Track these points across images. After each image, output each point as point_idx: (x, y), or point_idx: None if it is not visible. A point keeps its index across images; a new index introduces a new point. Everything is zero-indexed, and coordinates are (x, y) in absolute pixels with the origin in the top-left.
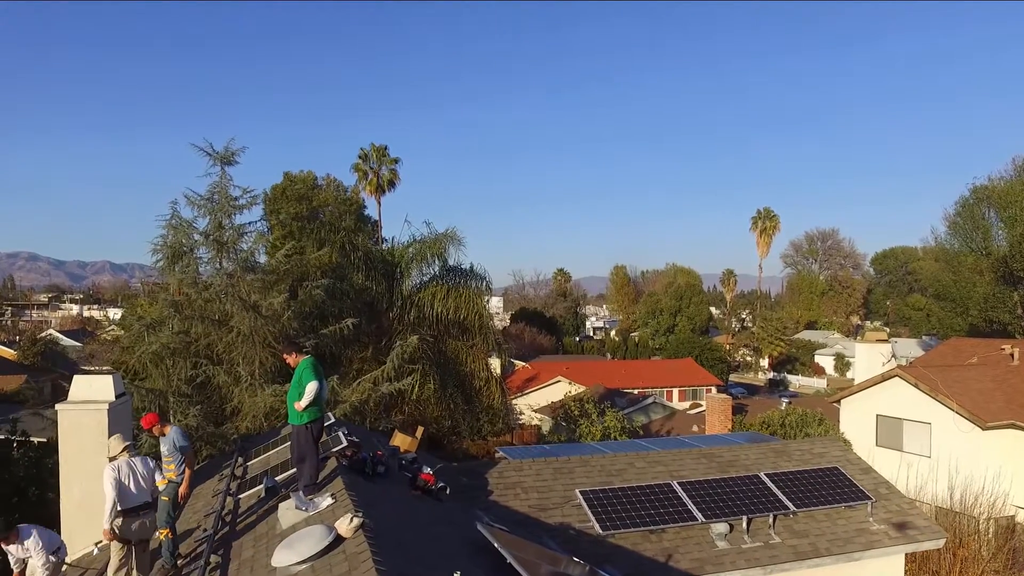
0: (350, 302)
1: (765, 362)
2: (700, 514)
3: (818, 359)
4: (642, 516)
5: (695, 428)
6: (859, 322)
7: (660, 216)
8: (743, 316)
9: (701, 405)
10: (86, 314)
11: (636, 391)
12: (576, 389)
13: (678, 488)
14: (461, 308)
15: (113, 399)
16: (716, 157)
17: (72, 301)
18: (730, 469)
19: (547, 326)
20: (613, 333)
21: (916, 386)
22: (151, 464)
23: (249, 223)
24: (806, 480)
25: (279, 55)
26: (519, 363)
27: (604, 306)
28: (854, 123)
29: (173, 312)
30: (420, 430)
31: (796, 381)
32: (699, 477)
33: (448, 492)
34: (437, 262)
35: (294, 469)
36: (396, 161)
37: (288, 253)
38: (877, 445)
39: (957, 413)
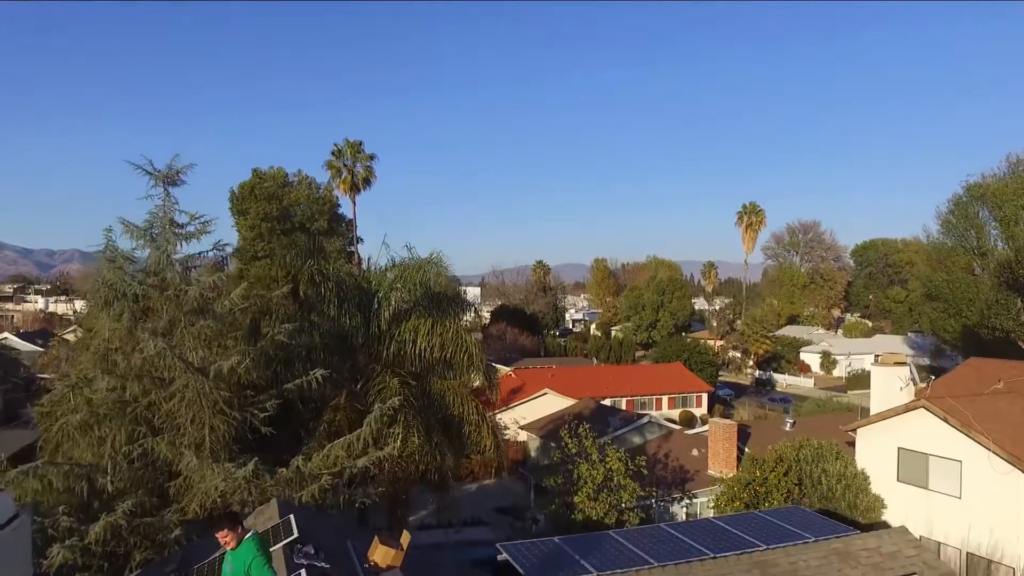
0: (320, 339)
1: (751, 360)
2: None
3: (803, 356)
4: None
5: (695, 452)
6: (840, 315)
7: (639, 204)
8: (730, 316)
9: (691, 413)
10: (51, 308)
11: (625, 400)
12: (564, 402)
13: None
14: (448, 345)
15: None
16: (697, 145)
17: (38, 292)
18: None
19: (528, 325)
20: (594, 327)
21: (945, 420)
22: None
23: (200, 253)
24: None
25: (252, 41)
26: (502, 368)
27: (583, 295)
28: (833, 114)
29: (101, 372)
30: (406, 537)
31: (783, 380)
32: None
33: None
34: (419, 288)
35: None
36: (372, 158)
37: (245, 294)
38: (898, 480)
39: (993, 452)
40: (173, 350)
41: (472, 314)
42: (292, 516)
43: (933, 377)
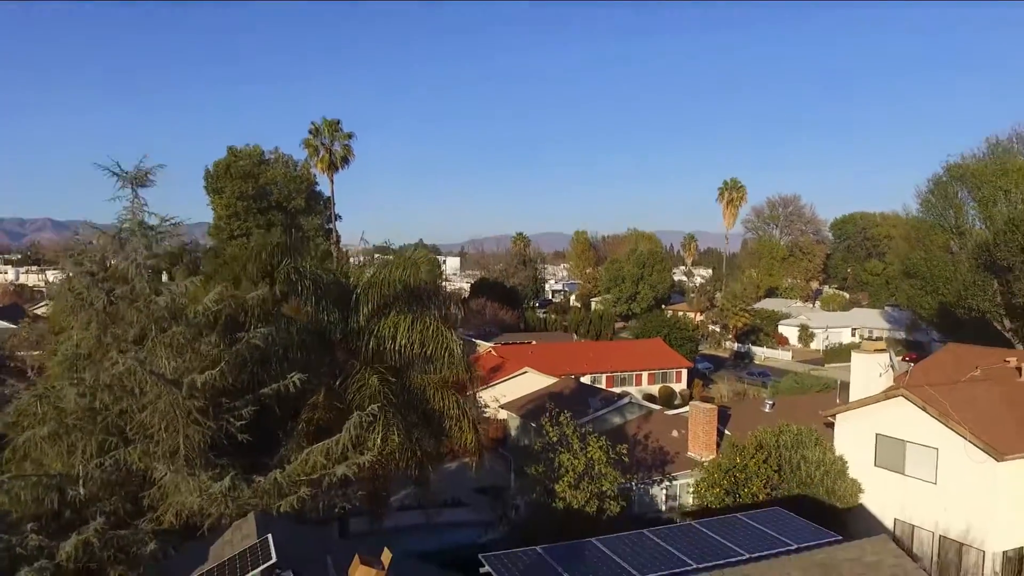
0: (297, 335)
1: (730, 334)
2: None
3: (782, 329)
4: None
5: (675, 433)
6: (818, 287)
7: (622, 174)
8: (710, 290)
9: (671, 388)
10: (22, 279)
11: (605, 376)
12: (544, 380)
13: None
14: (428, 343)
15: None
16: (677, 114)
17: (8, 263)
18: None
19: (508, 298)
20: (573, 298)
21: (924, 409)
22: None
23: (171, 254)
24: None
25: (225, 16)
26: (483, 344)
27: (563, 265)
28: (815, 88)
29: (69, 383)
30: (387, 556)
31: (761, 353)
32: None
33: None
34: (399, 285)
35: None
36: (350, 136)
37: (219, 297)
38: (876, 465)
39: (970, 442)
40: (143, 365)
41: (456, 308)
42: (270, 536)
43: (912, 364)
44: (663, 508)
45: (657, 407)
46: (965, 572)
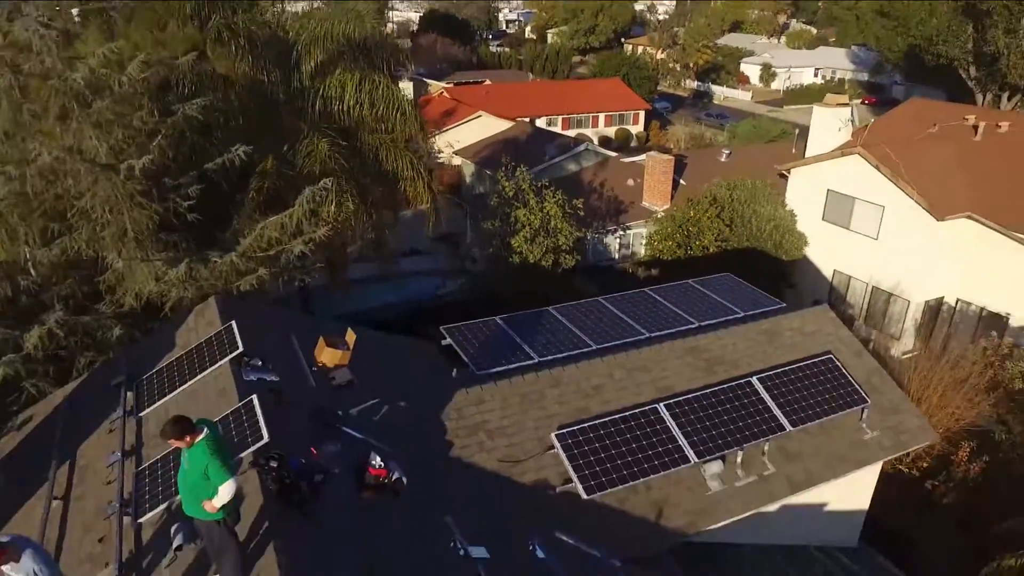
0: (237, 99)
1: (691, 72)
2: (692, 452)
3: (744, 68)
4: (628, 464)
5: (630, 182)
6: (786, 21)
7: None
8: (673, 27)
9: (628, 131)
10: None
11: (561, 119)
12: (499, 124)
13: (665, 413)
14: (377, 102)
15: None
16: None
17: None
18: (718, 368)
19: (460, 32)
20: (528, 30)
21: (877, 168)
22: None
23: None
24: (800, 380)
25: None
26: (435, 85)
27: None
28: None
29: None
30: (351, 336)
31: (721, 92)
32: (685, 387)
33: (405, 482)
34: (343, 39)
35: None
36: None
37: (143, 65)
38: (823, 219)
39: (916, 202)
40: (73, 154)
41: (406, 60)
42: (234, 323)
43: (872, 120)
44: (616, 257)
45: (613, 154)
46: (890, 318)
